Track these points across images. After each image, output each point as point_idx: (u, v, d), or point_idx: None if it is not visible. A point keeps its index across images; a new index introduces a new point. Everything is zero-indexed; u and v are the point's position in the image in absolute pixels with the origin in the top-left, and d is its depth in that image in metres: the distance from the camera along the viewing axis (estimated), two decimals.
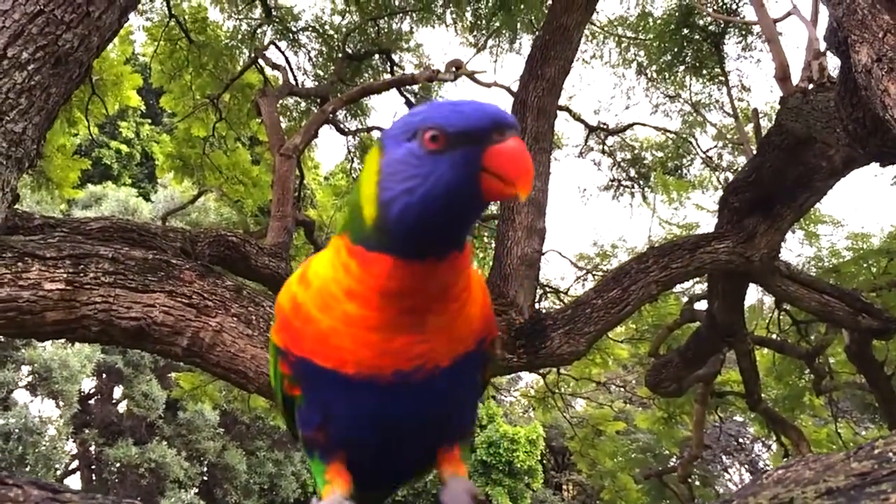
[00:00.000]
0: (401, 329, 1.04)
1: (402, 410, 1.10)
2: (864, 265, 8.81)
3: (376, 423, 1.11)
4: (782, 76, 5.29)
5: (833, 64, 4.79)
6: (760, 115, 8.31)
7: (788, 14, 6.47)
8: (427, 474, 1.30)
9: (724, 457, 23.66)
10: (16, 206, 3.27)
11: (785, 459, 11.24)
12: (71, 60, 2.19)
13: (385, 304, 1.02)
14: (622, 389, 19.72)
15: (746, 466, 26.08)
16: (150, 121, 25.06)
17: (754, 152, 6.50)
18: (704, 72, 9.68)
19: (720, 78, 9.67)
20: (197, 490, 20.08)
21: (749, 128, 9.09)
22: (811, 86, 4.68)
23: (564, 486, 29.16)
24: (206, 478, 20.76)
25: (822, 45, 5.01)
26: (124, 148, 24.48)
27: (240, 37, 10.77)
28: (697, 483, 13.81)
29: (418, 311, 1.04)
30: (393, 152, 1.00)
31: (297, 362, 1.10)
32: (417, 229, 0.97)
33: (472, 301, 1.12)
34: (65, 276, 3.84)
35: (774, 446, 14.30)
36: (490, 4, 9.99)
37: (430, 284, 1.02)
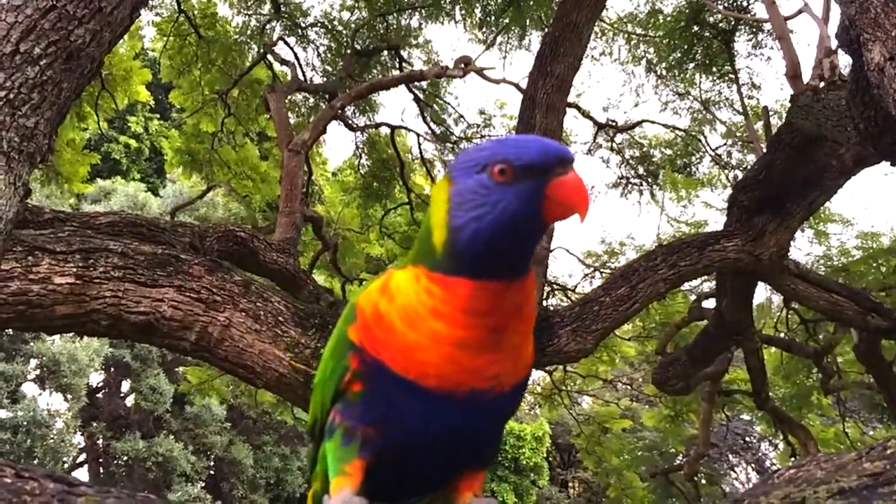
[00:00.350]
0: (483, 348, 1.11)
1: (464, 425, 1.15)
2: (874, 264, 8.77)
3: (436, 434, 1.15)
4: (793, 74, 5.26)
5: (844, 62, 4.77)
6: (770, 114, 8.27)
7: (800, 12, 6.44)
8: (438, 497, 1.30)
9: (730, 455, 23.61)
10: (26, 201, 3.29)
11: (792, 459, 11.23)
12: (83, 56, 2.20)
13: (471, 323, 1.09)
14: (629, 387, 19.69)
15: (753, 465, 26.03)
16: (158, 116, 25.11)
17: (764, 150, 6.48)
18: (714, 69, 9.63)
19: (730, 75, 9.62)
20: (203, 484, 20.16)
21: (759, 126, 9.05)
22: (822, 84, 4.66)
23: (570, 484, 29.16)
24: (212, 472, 20.85)
25: (834, 44, 4.99)
26: (133, 143, 24.54)
27: (249, 32, 10.77)
28: (703, 481, 13.77)
29: (499, 329, 1.11)
30: (462, 183, 1.10)
31: (372, 363, 1.15)
32: (485, 252, 1.07)
33: (529, 340, 1.21)
34: (74, 270, 3.86)
35: (781, 445, 14.27)
36: (500, 1, 9.98)
37: (505, 304, 1.10)
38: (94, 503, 0.81)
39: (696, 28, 8.98)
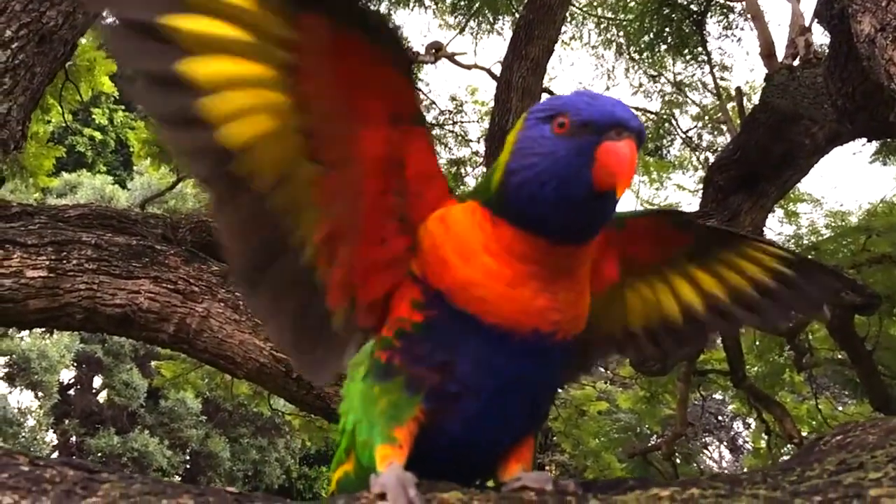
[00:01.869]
0: (537, 293, 1.08)
1: (530, 370, 1.12)
2: (843, 242, 8.88)
3: (503, 378, 1.11)
4: (767, 53, 5.29)
5: (819, 40, 4.81)
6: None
7: None
8: (489, 477, 1.24)
9: (703, 434, 23.94)
10: None
11: (765, 437, 11.40)
12: (55, 38, 2.13)
13: (517, 265, 1.08)
14: (603, 370, 19.85)
15: (726, 443, 26.43)
16: (123, 107, 24.67)
17: (738, 131, 6.52)
18: (686, 51, 9.66)
19: (702, 57, 9.66)
20: (180, 478, 19.99)
21: (731, 106, 9.11)
22: (797, 62, 4.69)
23: (547, 467, 29.37)
24: (189, 466, 20.71)
25: (808, 21, 5.03)
26: (98, 135, 24.06)
27: None
28: (679, 461, 13.93)
29: (547, 280, 1.09)
30: (529, 130, 1.10)
31: (433, 294, 1.12)
32: (528, 201, 1.06)
33: (587, 293, 1.19)
34: (47, 263, 3.77)
35: (754, 424, 14.47)
36: None
37: (548, 261, 1.08)
38: (120, 489, 0.77)
39: (666, 10, 8.99)
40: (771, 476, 0.84)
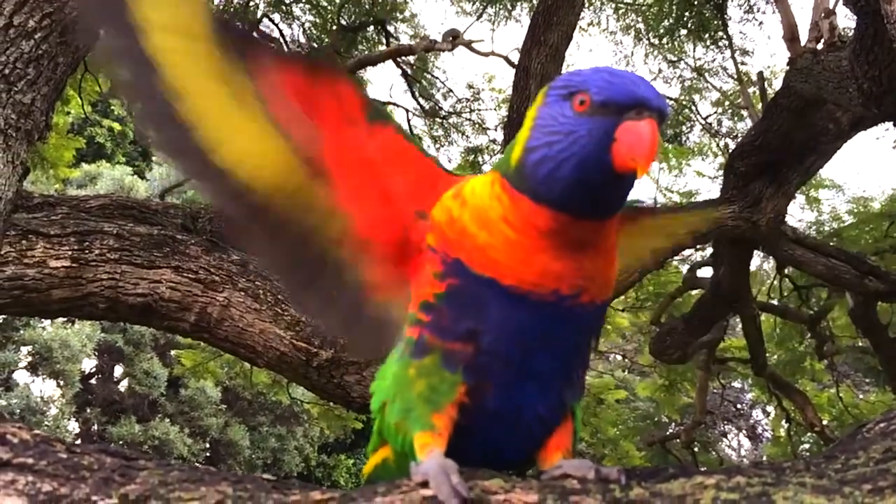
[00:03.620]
0: (556, 259, 1.08)
1: (553, 332, 1.12)
2: (866, 229, 8.78)
3: (524, 338, 1.11)
4: (791, 37, 5.21)
5: (843, 23, 4.74)
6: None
7: None
8: (532, 463, 1.23)
9: (722, 422, 23.86)
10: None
11: (786, 425, 11.34)
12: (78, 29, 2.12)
13: (534, 234, 1.08)
14: (621, 358, 19.81)
15: (745, 431, 26.32)
16: None
17: (759, 117, 6.44)
18: (706, 36, 9.55)
19: (723, 41, 9.55)
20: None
21: (752, 91, 9.01)
22: (821, 45, 4.62)
23: None
24: (209, 454, 20.87)
25: (832, 3, 4.95)
26: (117, 126, 24.19)
27: (232, 10, 10.59)
28: (697, 449, 13.90)
29: (567, 249, 1.09)
30: (550, 105, 1.10)
31: (453, 263, 1.13)
32: (546, 178, 1.06)
33: (613, 263, 1.19)
34: (70, 253, 3.81)
35: (773, 412, 14.39)
36: None
37: (569, 236, 1.08)
38: (158, 476, 0.77)
39: None
40: (814, 464, 0.82)
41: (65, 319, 15.28)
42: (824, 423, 9.47)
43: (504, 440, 1.18)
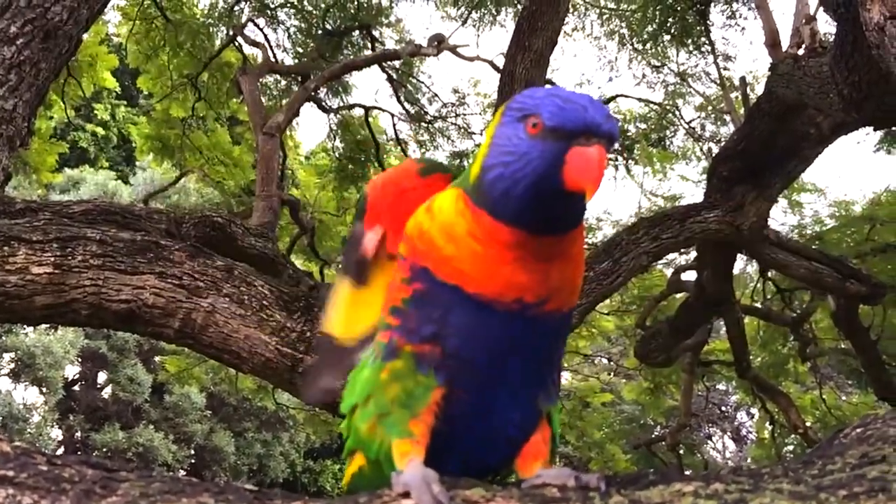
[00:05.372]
0: (520, 270, 1.11)
1: (517, 339, 1.14)
2: (848, 232, 8.86)
3: (489, 346, 1.14)
4: (772, 42, 5.26)
5: (824, 29, 4.78)
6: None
7: None
8: (510, 471, 1.25)
9: (706, 425, 23.99)
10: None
11: (769, 426, 11.41)
12: (60, 34, 2.11)
13: (499, 247, 1.11)
14: (607, 361, 19.86)
15: (730, 434, 26.47)
16: (125, 102, 24.63)
17: (741, 121, 6.49)
18: (689, 41, 9.61)
19: (706, 47, 9.62)
20: (185, 473, 20.05)
21: (734, 96, 9.08)
22: (802, 51, 4.66)
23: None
24: (193, 460, 20.76)
25: (813, 10, 5.00)
26: (100, 131, 24.05)
27: (217, 14, 10.57)
28: (682, 451, 13.98)
29: (530, 261, 1.12)
30: (506, 126, 1.13)
31: (421, 270, 1.17)
32: (502, 197, 1.10)
33: (578, 271, 1.22)
34: (52, 259, 3.77)
35: (757, 414, 14.49)
36: None
37: (529, 248, 1.11)
38: (140, 488, 0.77)
39: (670, 0, 8.95)
40: (792, 470, 0.83)
41: (48, 326, 15.17)
42: (808, 424, 9.55)
43: (480, 446, 1.20)
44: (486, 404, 1.17)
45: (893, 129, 6.70)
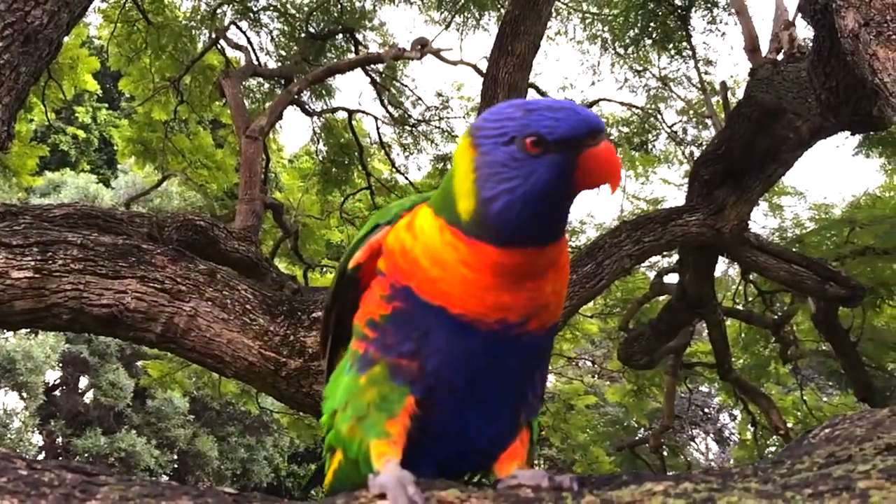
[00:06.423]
0: (508, 292, 1.11)
1: (500, 359, 1.14)
2: (827, 235, 8.95)
3: (469, 366, 1.13)
4: (752, 48, 5.32)
5: (803, 34, 4.84)
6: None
7: None
8: (487, 471, 1.27)
9: (689, 427, 24.12)
10: None
11: (752, 428, 11.49)
12: (41, 38, 2.11)
13: (498, 274, 1.10)
14: (590, 364, 19.94)
15: (712, 435, 26.61)
16: (107, 105, 24.47)
17: (722, 125, 6.55)
18: (670, 46, 9.69)
19: (687, 52, 9.70)
20: (168, 478, 19.90)
21: (715, 100, 9.16)
22: (781, 56, 4.71)
23: (536, 462, 29.49)
24: (177, 465, 20.61)
25: (792, 16, 5.06)
26: (81, 133, 23.86)
27: (199, 17, 10.53)
28: (666, 453, 14.04)
29: (525, 280, 1.12)
30: (491, 154, 1.10)
31: (402, 289, 1.16)
32: (516, 223, 1.08)
33: (566, 280, 1.22)
34: (33, 263, 3.74)
35: (739, 415, 14.57)
36: None
37: (532, 266, 1.12)
38: (119, 492, 0.77)
39: (651, 5, 9.02)
40: (762, 469, 0.85)
41: (28, 330, 15.02)
42: (789, 425, 9.62)
43: (455, 456, 1.22)
44: (461, 420, 1.17)
45: (871, 133, 6.79)
